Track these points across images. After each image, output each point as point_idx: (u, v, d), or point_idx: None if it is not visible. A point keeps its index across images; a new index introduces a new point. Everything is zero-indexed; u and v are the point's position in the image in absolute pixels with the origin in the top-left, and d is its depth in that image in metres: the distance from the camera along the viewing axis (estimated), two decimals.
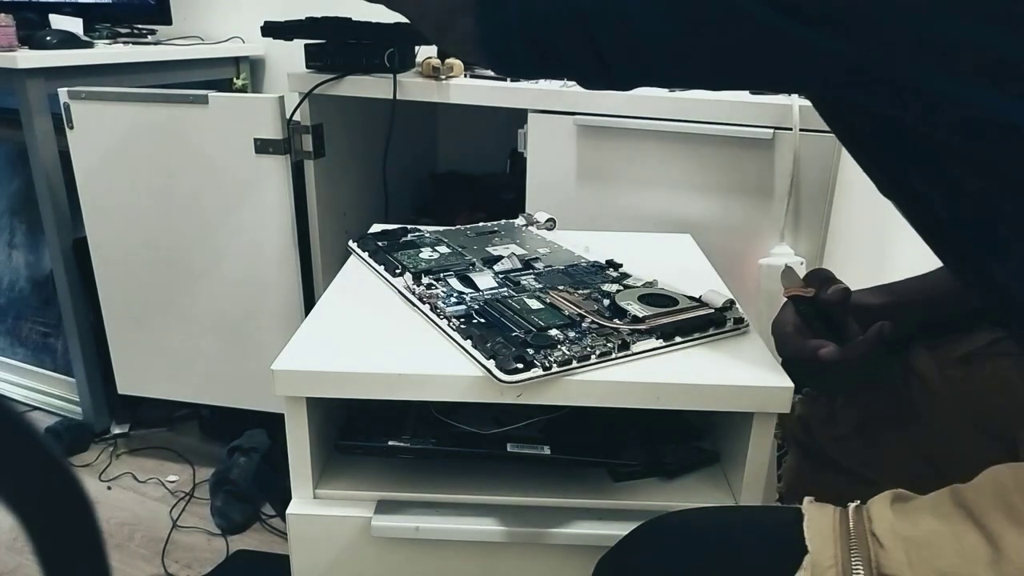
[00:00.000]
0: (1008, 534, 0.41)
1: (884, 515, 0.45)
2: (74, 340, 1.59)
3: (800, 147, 1.10)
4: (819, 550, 0.45)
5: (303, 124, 1.33)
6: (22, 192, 1.75)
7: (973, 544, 0.42)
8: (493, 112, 1.20)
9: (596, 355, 0.62)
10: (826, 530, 0.46)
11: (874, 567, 0.43)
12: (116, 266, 1.44)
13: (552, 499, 0.68)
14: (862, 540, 0.45)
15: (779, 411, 0.63)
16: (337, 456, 0.70)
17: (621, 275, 0.81)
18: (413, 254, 0.85)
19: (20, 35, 1.45)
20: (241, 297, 1.40)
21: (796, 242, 1.15)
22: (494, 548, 0.67)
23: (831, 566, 0.44)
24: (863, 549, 0.44)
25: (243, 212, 1.33)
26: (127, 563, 1.31)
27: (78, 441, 1.62)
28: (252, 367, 1.44)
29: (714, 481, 0.71)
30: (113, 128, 1.33)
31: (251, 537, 1.38)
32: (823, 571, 0.44)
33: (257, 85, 1.98)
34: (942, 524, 0.44)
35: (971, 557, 0.41)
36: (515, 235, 0.94)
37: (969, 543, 0.42)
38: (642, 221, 1.21)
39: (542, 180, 1.24)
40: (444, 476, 0.69)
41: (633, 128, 1.16)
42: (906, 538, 0.43)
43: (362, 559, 0.67)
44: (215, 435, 1.65)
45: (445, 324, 0.68)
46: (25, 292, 1.78)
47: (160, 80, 1.62)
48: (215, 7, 1.94)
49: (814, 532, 0.46)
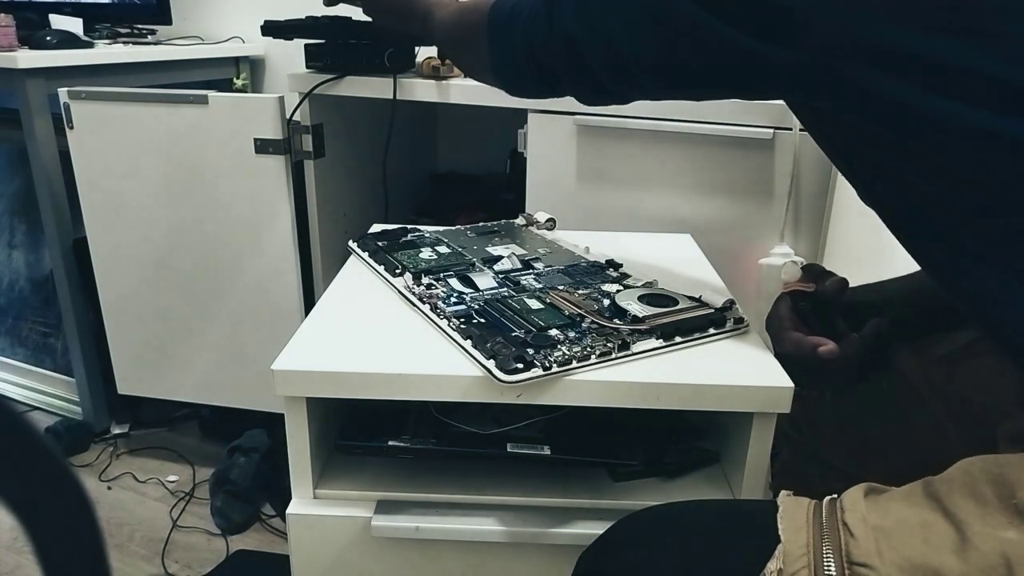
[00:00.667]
0: (975, 522, 0.42)
1: (856, 505, 0.46)
2: (74, 340, 1.59)
3: (800, 147, 1.10)
4: (791, 539, 0.46)
5: (303, 124, 1.33)
6: (22, 192, 1.75)
7: (940, 532, 0.43)
8: (493, 112, 1.20)
9: (596, 355, 0.62)
10: (799, 521, 0.47)
11: (844, 555, 0.44)
12: (116, 266, 1.44)
13: (552, 499, 0.68)
14: (833, 530, 0.45)
15: (779, 411, 0.63)
16: (337, 456, 0.70)
17: (621, 275, 0.81)
18: (413, 254, 0.85)
19: (20, 35, 1.45)
20: (241, 297, 1.40)
21: (796, 242, 1.15)
22: (494, 548, 0.67)
23: (802, 555, 0.45)
24: (834, 538, 0.45)
25: (243, 212, 1.33)
26: (127, 563, 1.31)
27: (78, 441, 1.62)
28: (252, 367, 1.44)
29: (714, 481, 0.71)
30: (113, 128, 1.33)
31: (251, 537, 1.38)
32: (794, 560, 0.45)
33: (257, 85, 1.98)
34: (911, 513, 0.44)
35: (938, 544, 0.42)
36: (515, 235, 0.94)
37: (937, 531, 0.43)
38: (642, 221, 1.21)
39: (542, 180, 1.24)
40: (444, 476, 0.69)
41: (633, 128, 1.16)
42: (876, 527, 0.44)
43: (362, 559, 0.67)
44: (215, 435, 1.65)
45: (445, 324, 0.68)
46: (25, 292, 1.78)
47: (160, 80, 1.62)
48: (215, 7, 1.94)
49: (788, 523, 0.47)
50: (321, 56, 1.32)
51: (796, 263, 1.12)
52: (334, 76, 1.29)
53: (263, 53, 1.94)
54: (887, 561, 0.42)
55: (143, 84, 1.47)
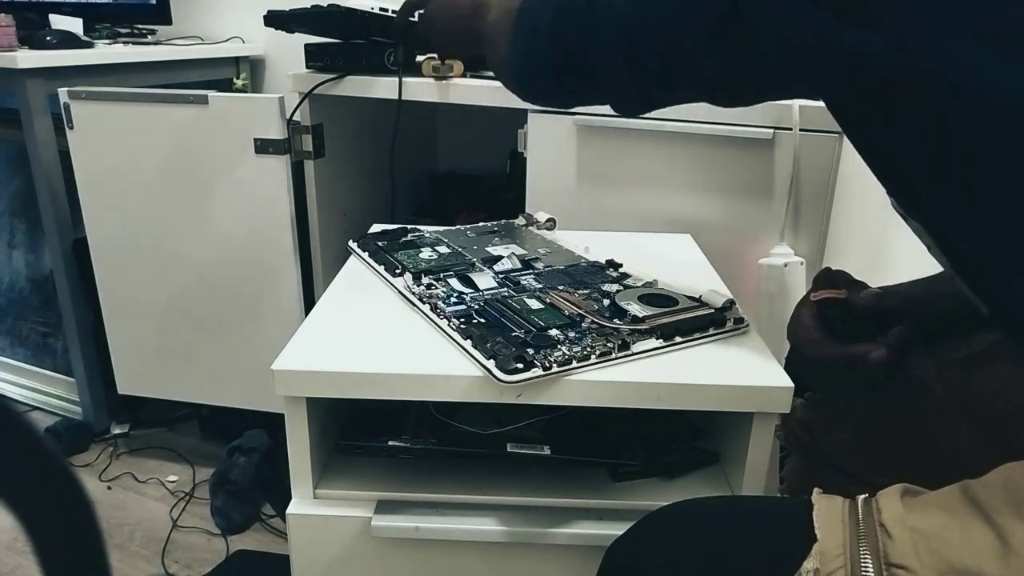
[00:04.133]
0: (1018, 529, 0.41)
1: (893, 507, 0.46)
2: (74, 340, 1.59)
3: (800, 147, 1.10)
4: (827, 538, 0.45)
5: (303, 124, 1.33)
6: (22, 192, 1.75)
7: (981, 537, 0.42)
8: (493, 112, 1.20)
9: (596, 355, 0.62)
10: (835, 520, 0.46)
11: (881, 557, 0.43)
12: (116, 266, 1.44)
13: (552, 499, 0.68)
14: (870, 530, 0.45)
15: (779, 411, 0.63)
16: (337, 456, 0.70)
17: (621, 275, 0.81)
18: (413, 254, 0.85)
19: (20, 35, 1.45)
20: (241, 297, 1.40)
21: (796, 242, 1.15)
22: (494, 548, 0.67)
23: (839, 555, 0.44)
24: (871, 539, 0.44)
25: (243, 212, 1.33)
26: (127, 563, 1.31)
27: (78, 441, 1.62)
28: (252, 367, 1.44)
29: (714, 481, 0.71)
30: (113, 128, 1.33)
31: (251, 537, 1.38)
32: (831, 560, 0.44)
33: (257, 85, 1.98)
34: (951, 517, 0.44)
35: (979, 549, 0.41)
36: (515, 235, 0.94)
37: (977, 535, 0.42)
38: (642, 221, 1.21)
39: (542, 180, 1.24)
40: (444, 476, 0.69)
41: (633, 128, 1.16)
42: (914, 528, 0.44)
43: (362, 559, 0.67)
44: (215, 435, 1.65)
45: (445, 324, 0.68)
46: (25, 292, 1.78)
47: (160, 80, 1.62)
48: (215, 7, 1.94)
49: (823, 522, 0.46)
50: (321, 56, 1.32)
51: (794, 264, 1.12)
52: (334, 76, 1.29)
53: (263, 53, 1.94)
54: (926, 564, 0.42)
55: (143, 84, 1.47)
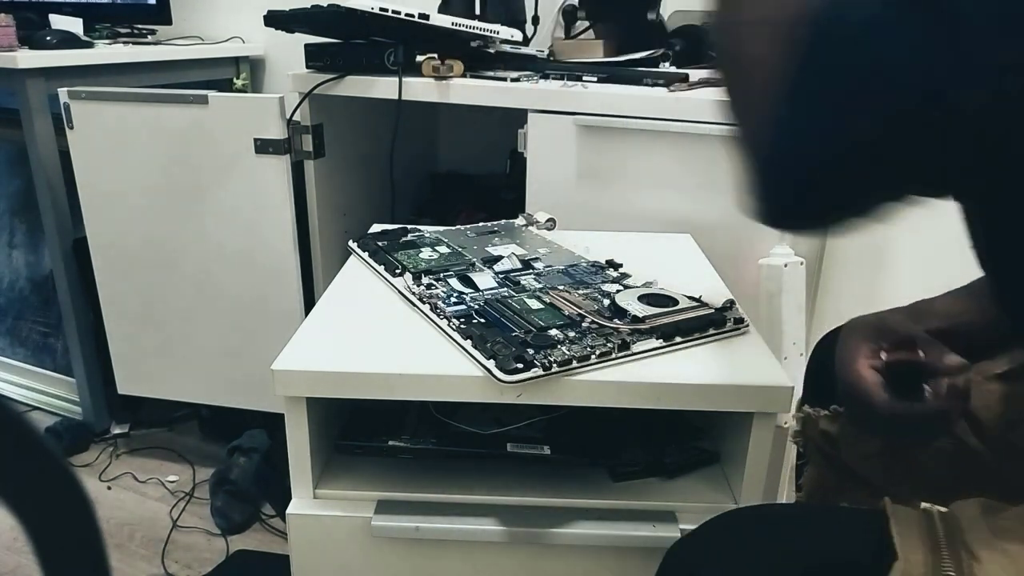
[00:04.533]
0: None
1: (976, 525, 0.44)
2: (74, 340, 1.59)
3: None
4: (909, 558, 0.43)
5: (303, 124, 1.33)
6: (22, 192, 1.75)
7: None
8: (493, 112, 1.20)
9: (596, 355, 0.62)
10: (913, 536, 0.44)
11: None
12: (116, 266, 1.44)
13: (552, 499, 0.68)
14: (954, 550, 0.43)
15: (779, 411, 0.63)
16: (337, 456, 0.70)
17: (621, 275, 0.81)
18: (413, 254, 0.85)
19: (20, 35, 1.45)
20: (241, 297, 1.40)
21: (796, 242, 1.15)
22: (494, 548, 0.67)
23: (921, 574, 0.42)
24: (955, 559, 0.42)
25: (243, 212, 1.33)
26: (127, 563, 1.31)
27: (78, 441, 1.62)
28: (252, 367, 1.44)
29: (714, 481, 0.71)
30: (113, 128, 1.33)
31: (251, 537, 1.38)
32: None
33: (257, 85, 1.98)
34: None
35: None
36: (515, 235, 0.94)
37: None
38: (642, 221, 1.21)
39: (542, 180, 1.24)
40: (444, 476, 0.69)
41: (633, 128, 1.16)
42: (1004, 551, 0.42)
43: (362, 559, 0.67)
44: (215, 435, 1.65)
45: (445, 324, 0.68)
46: (25, 292, 1.78)
47: (160, 80, 1.62)
48: (215, 7, 1.94)
49: (903, 538, 0.44)
50: (321, 56, 1.31)
51: (794, 264, 1.12)
52: (334, 76, 1.29)
53: (263, 53, 1.94)
54: None
55: (143, 84, 1.47)
